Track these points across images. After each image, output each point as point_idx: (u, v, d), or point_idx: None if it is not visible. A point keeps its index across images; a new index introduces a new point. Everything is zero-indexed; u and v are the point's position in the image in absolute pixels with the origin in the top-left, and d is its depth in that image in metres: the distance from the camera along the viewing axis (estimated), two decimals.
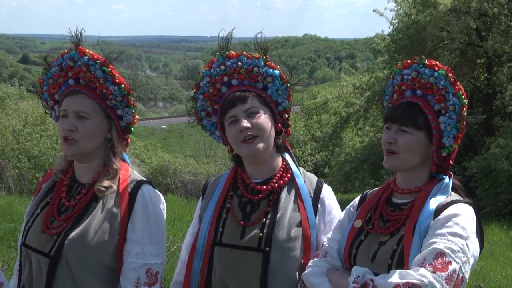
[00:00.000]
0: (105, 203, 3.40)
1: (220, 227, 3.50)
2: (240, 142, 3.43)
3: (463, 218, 3.01)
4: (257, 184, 3.54)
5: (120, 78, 3.42)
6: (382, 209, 3.26)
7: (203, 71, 3.55)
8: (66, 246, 3.29)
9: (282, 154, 3.64)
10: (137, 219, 3.38)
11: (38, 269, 3.35)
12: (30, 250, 3.40)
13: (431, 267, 2.84)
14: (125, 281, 3.34)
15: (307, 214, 3.46)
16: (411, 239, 3.03)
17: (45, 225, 3.39)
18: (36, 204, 3.54)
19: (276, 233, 3.38)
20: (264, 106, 3.49)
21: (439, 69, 3.15)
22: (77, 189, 3.48)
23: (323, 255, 3.28)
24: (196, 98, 3.61)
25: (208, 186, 3.75)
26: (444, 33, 28.50)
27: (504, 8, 27.34)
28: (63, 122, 3.38)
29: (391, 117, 3.22)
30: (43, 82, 3.56)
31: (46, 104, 3.61)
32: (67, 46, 3.49)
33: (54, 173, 3.58)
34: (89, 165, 3.49)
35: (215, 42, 32.07)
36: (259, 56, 3.51)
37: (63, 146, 3.41)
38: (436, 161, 3.21)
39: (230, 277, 3.42)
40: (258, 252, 3.37)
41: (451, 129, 3.14)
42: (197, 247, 3.53)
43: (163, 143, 54.04)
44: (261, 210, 3.47)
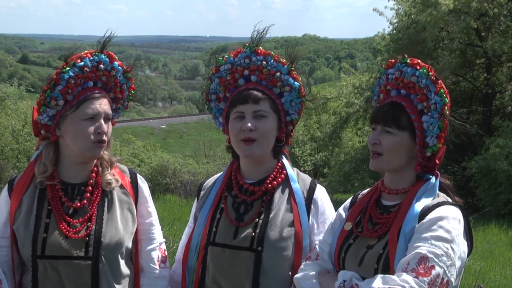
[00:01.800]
0: (117, 195, 3.47)
1: (214, 227, 3.52)
2: (239, 140, 3.45)
3: (448, 221, 2.99)
4: (250, 185, 3.55)
5: (134, 86, 3.46)
6: (371, 211, 3.25)
7: (227, 56, 3.54)
8: (103, 243, 3.35)
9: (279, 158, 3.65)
10: (144, 204, 3.53)
11: (76, 274, 3.36)
12: (55, 260, 3.37)
13: (414, 272, 2.85)
14: (148, 263, 3.49)
15: (299, 217, 3.47)
16: (396, 243, 3.02)
17: (66, 231, 3.38)
18: (30, 217, 3.44)
19: (268, 233, 3.41)
20: (273, 112, 3.50)
21: (420, 67, 3.14)
22: (74, 190, 3.47)
23: (314, 258, 3.30)
24: (212, 79, 3.60)
25: (203, 187, 3.77)
26: (444, 33, 28.57)
27: (504, 8, 27.43)
28: (92, 125, 3.37)
29: (375, 118, 3.23)
30: (59, 80, 3.42)
31: (54, 103, 3.43)
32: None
33: (40, 180, 3.48)
34: (84, 165, 3.50)
35: (214, 42, 32.14)
36: (285, 63, 3.52)
37: (93, 148, 3.39)
38: (420, 161, 3.19)
39: (223, 276, 3.45)
40: (250, 252, 3.40)
41: (434, 128, 3.11)
42: (191, 246, 3.57)
43: (162, 143, 53.94)
44: (254, 210, 3.50)
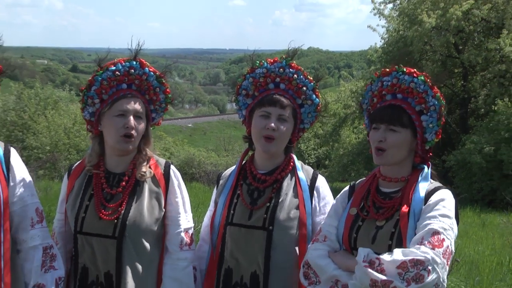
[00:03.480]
0: (148, 186, 3.45)
1: (232, 209, 3.53)
2: (261, 136, 3.47)
3: (448, 202, 3.06)
4: (263, 175, 3.57)
5: (169, 89, 3.45)
6: (374, 197, 3.24)
7: (264, 61, 3.56)
8: (128, 226, 3.34)
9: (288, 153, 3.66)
10: (173, 194, 3.47)
11: (104, 250, 3.38)
12: (89, 236, 3.41)
13: (430, 245, 2.87)
14: (172, 245, 3.44)
15: (304, 201, 3.48)
16: (407, 222, 3.04)
17: (99, 211, 3.40)
18: (78, 197, 3.51)
19: (278, 214, 3.42)
20: (292, 118, 3.52)
21: (417, 75, 3.18)
22: (115, 178, 3.49)
23: (322, 240, 3.26)
24: (246, 77, 3.61)
25: (222, 177, 3.78)
26: (428, 46, 28.52)
27: (478, 26, 27.43)
28: (122, 121, 3.38)
29: (380, 118, 3.20)
30: (94, 81, 3.48)
31: (90, 101, 3.50)
32: (110, 57, 3.50)
33: (88, 169, 3.54)
34: (126, 158, 3.51)
35: (233, 54, 32.00)
36: (312, 80, 3.56)
37: (120, 141, 3.40)
38: (420, 153, 3.22)
39: (239, 251, 3.46)
40: (263, 230, 3.42)
41: (433, 126, 3.19)
42: (214, 225, 3.58)
43: (189, 139, 53.98)
44: (266, 196, 3.51)
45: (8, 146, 3.43)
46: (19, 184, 3.40)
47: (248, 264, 3.46)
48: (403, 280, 2.82)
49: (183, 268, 3.42)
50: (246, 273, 3.46)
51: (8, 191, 3.32)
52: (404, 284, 2.82)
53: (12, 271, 3.29)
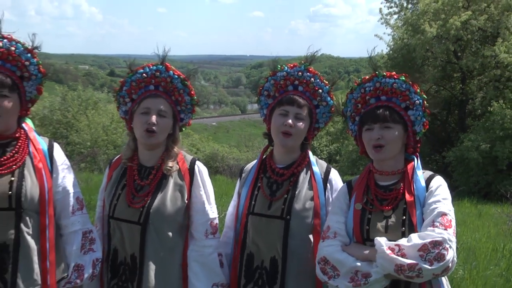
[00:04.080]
0: (173, 179, 3.45)
1: (253, 200, 3.53)
2: (279, 132, 3.47)
3: (445, 186, 3.10)
4: (281, 169, 3.56)
5: (194, 91, 3.46)
6: (375, 192, 3.21)
7: (285, 66, 3.57)
8: (152, 214, 3.35)
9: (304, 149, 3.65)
10: (198, 187, 3.46)
11: (131, 234, 3.41)
12: (119, 222, 3.45)
13: (442, 226, 2.89)
14: (197, 233, 3.43)
15: (318, 193, 3.47)
16: (415, 209, 3.03)
17: (129, 200, 3.44)
18: (114, 186, 3.56)
19: (294, 205, 3.42)
20: (308, 118, 3.52)
21: (398, 77, 3.20)
22: (145, 171, 3.51)
23: (333, 236, 3.19)
24: (268, 80, 3.62)
25: (244, 170, 3.77)
26: (429, 53, 28.38)
27: (475, 34, 27.27)
28: (145, 117, 3.41)
29: (373, 119, 3.19)
30: (124, 83, 3.57)
31: (121, 100, 3.60)
32: (141, 62, 3.53)
33: (124, 162, 3.60)
34: (154, 152, 3.52)
35: (253, 60, 31.99)
36: (327, 84, 3.56)
37: (143, 136, 3.42)
38: (412, 144, 3.22)
39: (260, 238, 3.46)
40: (281, 220, 3.41)
41: (421, 118, 3.20)
42: (238, 215, 3.59)
43: (213, 136, 54.05)
44: (284, 188, 3.50)
45: (51, 141, 3.47)
46: (61, 175, 3.42)
47: (267, 250, 3.45)
48: (425, 261, 2.82)
49: (209, 254, 3.42)
50: (266, 258, 3.46)
51: (52, 182, 3.36)
52: (427, 264, 2.81)
53: (56, 252, 3.33)
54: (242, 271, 3.53)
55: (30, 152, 3.34)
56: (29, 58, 3.31)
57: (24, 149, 3.34)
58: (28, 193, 3.23)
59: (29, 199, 3.23)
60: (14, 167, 3.26)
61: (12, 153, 3.29)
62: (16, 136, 3.35)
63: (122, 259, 3.45)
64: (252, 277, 3.49)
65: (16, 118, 3.34)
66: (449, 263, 2.83)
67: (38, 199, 3.26)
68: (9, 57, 3.27)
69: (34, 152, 3.35)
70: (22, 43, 3.32)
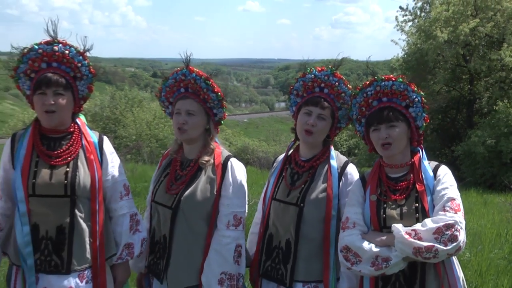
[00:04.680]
0: (206, 172, 3.44)
1: (277, 187, 3.55)
2: (303, 130, 3.46)
3: (450, 174, 3.10)
4: (303, 161, 3.56)
5: (217, 89, 3.45)
6: (388, 184, 3.20)
7: (314, 69, 3.56)
8: (182, 201, 3.35)
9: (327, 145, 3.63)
10: (227, 181, 3.42)
11: (164, 217, 3.43)
12: (158, 205, 3.48)
13: (452, 210, 2.89)
14: (220, 223, 3.39)
15: (332, 185, 3.43)
16: (426, 196, 3.03)
17: (167, 188, 3.46)
18: (160, 174, 3.60)
19: (309, 195, 3.41)
20: (330, 118, 3.49)
21: (396, 79, 3.19)
22: (186, 163, 3.52)
23: (352, 226, 3.17)
24: (298, 80, 3.61)
25: (276, 161, 3.78)
26: (440, 57, 28.12)
27: (482, 40, 27.01)
28: (177, 118, 3.44)
29: (378, 120, 3.17)
30: (161, 89, 3.62)
31: (163, 104, 3.65)
32: (180, 65, 3.55)
33: (170, 154, 3.64)
34: (193, 146, 3.52)
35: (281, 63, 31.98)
36: (350, 88, 3.53)
37: (177, 133, 3.46)
38: (416, 138, 3.21)
39: (278, 221, 3.48)
40: (296, 207, 3.41)
41: (421, 113, 3.19)
42: (265, 199, 3.63)
43: (244, 131, 53.99)
44: (303, 179, 3.50)
45: (101, 135, 3.51)
46: (110, 165, 3.46)
47: (283, 232, 3.47)
48: (440, 242, 2.82)
49: (226, 244, 3.37)
50: (283, 240, 3.47)
51: (101, 171, 3.39)
52: (442, 245, 2.81)
53: (105, 234, 3.37)
54: (263, 249, 3.55)
55: (83, 145, 3.38)
56: (81, 60, 3.35)
57: (77, 142, 3.37)
58: (81, 182, 3.27)
59: (82, 187, 3.27)
60: (69, 158, 3.31)
61: (67, 146, 3.33)
62: (71, 130, 3.39)
63: (158, 238, 3.49)
64: (271, 255, 3.51)
65: (70, 114, 3.38)
66: (461, 243, 2.84)
67: (89, 187, 3.30)
68: (63, 59, 3.31)
69: (86, 145, 3.38)
70: (75, 47, 3.35)
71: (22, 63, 3.31)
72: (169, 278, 3.38)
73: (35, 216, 3.22)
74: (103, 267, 3.35)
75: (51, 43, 3.30)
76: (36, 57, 3.29)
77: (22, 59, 3.31)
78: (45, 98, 3.24)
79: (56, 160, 3.28)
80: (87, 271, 3.30)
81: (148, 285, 3.58)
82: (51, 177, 3.24)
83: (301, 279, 3.40)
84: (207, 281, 3.33)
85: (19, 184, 3.20)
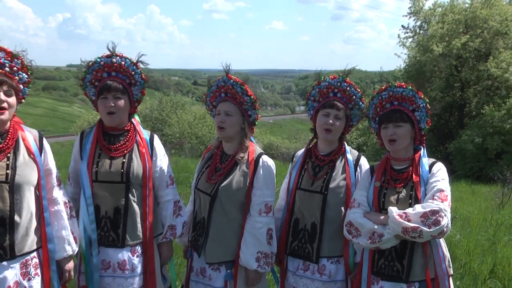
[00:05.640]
0: (241, 166, 3.43)
1: (300, 179, 3.52)
2: (322, 129, 3.46)
3: (444, 170, 3.06)
4: (323, 156, 3.54)
5: (251, 92, 3.45)
6: (391, 173, 3.20)
7: (327, 77, 3.56)
8: (220, 190, 3.36)
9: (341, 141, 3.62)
10: (259, 175, 3.41)
11: (204, 203, 3.44)
12: (199, 191, 3.49)
13: (439, 199, 2.88)
14: (253, 211, 3.38)
15: (350, 174, 3.43)
16: (420, 186, 3.02)
17: (208, 178, 3.46)
18: (203, 166, 3.61)
19: (331, 183, 3.40)
20: (344, 118, 3.49)
21: (406, 87, 3.18)
22: (225, 157, 3.52)
23: (357, 206, 3.20)
24: (314, 88, 3.60)
25: (295, 156, 3.77)
26: (436, 68, 27.83)
27: (472, 53, 26.70)
28: (218, 118, 3.45)
29: (387, 120, 3.18)
30: (207, 95, 3.63)
31: (208, 108, 3.66)
32: (218, 75, 3.57)
33: (212, 149, 3.64)
34: (231, 144, 3.52)
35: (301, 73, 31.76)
36: (360, 91, 3.52)
37: (218, 132, 3.46)
38: (419, 138, 3.20)
39: (304, 208, 3.46)
40: (320, 194, 3.39)
41: (425, 117, 3.18)
42: (289, 189, 3.59)
43: (270, 130, 53.90)
44: (324, 170, 3.48)
45: (152, 133, 3.53)
46: (159, 158, 3.47)
47: (309, 216, 3.45)
48: (425, 225, 2.83)
49: (259, 228, 3.36)
50: (308, 223, 3.45)
51: (151, 163, 3.42)
52: (426, 227, 2.83)
53: (154, 216, 3.39)
54: (290, 231, 3.53)
55: (137, 140, 3.40)
56: (134, 69, 3.38)
57: (132, 138, 3.40)
58: (135, 171, 3.30)
59: (135, 176, 3.30)
60: (125, 151, 3.34)
61: (124, 141, 3.37)
62: (127, 128, 3.42)
63: (199, 219, 3.49)
64: (297, 236, 3.49)
65: (127, 115, 3.41)
66: (443, 228, 2.84)
67: (141, 175, 3.33)
68: (121, 69, 3.35)
69: (139, 140, 3.41)
70: (130, 58, 3.39)
71: (88, 73, 3.38)
72: (206, 253, 3.40)
73: (97, 198, 3.27)
74: (151, 244, 3.38)
75: (110, 56, 3.35)
76: (99, 68, 3.35)
77: (88, 71, 3.37)
78: (106, 102, 3.29)
79: (115, 152, 3.32)
80: (138, 247, 3.33)
81: (191, 256, 3.60)
82: (111, 167, 3.28)
83: (325, 255, 3.40)
84: (246, 259, 3.34)
85: (85, 171, 3.26)
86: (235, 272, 3.39)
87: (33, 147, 3.01)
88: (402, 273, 3.03)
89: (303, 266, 3.47)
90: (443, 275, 2.99)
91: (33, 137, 3.06)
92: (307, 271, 3.45)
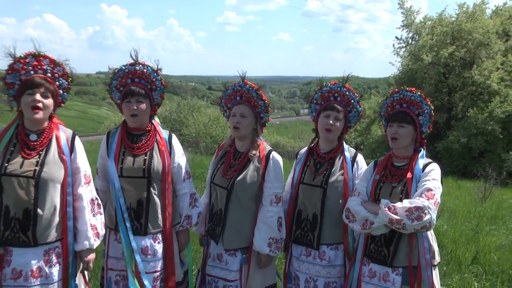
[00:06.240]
0: (253, 162, 3.43)
1: (303, 174, 3.51)
2: (324, 129, 3.45)
3: (437, 170, 3.01)
4: (323, 154, 3.53)
5: (265, 97, 3.45)
6: (390, 169, 3.19)
7: (328, 83, 3.54)
8: (235, 184, 3.35)
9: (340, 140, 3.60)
10: (270, 169, 3.41)
11: (221, 196, 3.43)
12: (216, 186, 3.48)
13: (426, 197, 2.85)
14: (264, 201, 3.38)
15: (347, 170, 3.42)
16: (411, 183, 3.00)
17: (224, 173, 3.45)
18: (217, 163, 3.59)
19: (330, 179, 3.39)
20: (343, 119, 3.48)
21: (415, 92, 3.15)
22: (238, 154, 3.50)
23: (357, 195, 3.22)
24: (316, 92, 3.59)
25: (299, 153, 3.75)
26: (426, 75, 27.75)
27: (458, 62, 26.62)
28: (233, 119, 3.43)
29: (393, 119, 3.16)
30: (222, 97, 3.62)
31: (222, 109, 3.64)
32: (230, 81, 3.56)
33: (225, 147, 3.62)
34: (244, 142, 3.51)
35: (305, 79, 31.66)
36: (357, 96, 3.51)
37: (233, 131, 3.45)
38: (419, 140, 3.17)
39: (306, 200, 3.45)
40: (321, 188, 3.39)
41: (427, 122, 3.15)
42: (293, 183, 3.58)
43: (276, 131, 53.77)
44: (324, 167, 3.47)
45: (171, 133, 3.52)
46: (176, 155, 3.46)
47: (311, 208, 3.44)
48: (409, 219, 2.82)
49: (270, 217, 3.36)
50: (310, 213, 3.45)
51: (170, 160, 3.41)
52: (409, 221, 2.82)
53: (172, 207, 3.39)
54: (293, 221, 3.53)
55: (157, 139, 3.40)
56: (155, 76, 3.37)
57: (153, 138, 3.40)
58: (155, 167, 3.30)
59: (155, 171, 3.30)
60: (146, 149, 3.34)
61: (146, 141, 3.37)
62: (148, 129, 3.42)
63: (216, 211, 3.48)
64: (300, 225, 3.49)
65: (148, 117, 3.41)
66: (426, 223, 2.82)
67: (161, 171, 3.32)
68: (143, 76, 3.35)
69: (159, 140, 3.40)
70: (151, 66, 3.39)
71: (114, 80, 3.39)
72: (224, 240, 3.40)
73: (122, 192, 3.27)
74: (171, 232, 3.37)
75: (134, 64, 3.35)
76: (123, 75, 3.35)
77: (114, 77, 3.38)
78: (130, 105, 3.29)
79: (138, 150, 3.32)
80: (159, 235, 3.33)
81: (206, 244, 3.59)
82: (134, 163, 3.28)
83: (325, 243, 3.41)
84: (259, 245, 3.34)
85: (113, 167, 3.26)
86: (249, 256, 3.39)
87: (64, 147, 3.00)
88: (388, 258, 3.04)
89: (306, 252, 3.47)
90: (425, 265, 2.97)
91: (66, 137, 3.05)
92: (309, 257, 3.45)
